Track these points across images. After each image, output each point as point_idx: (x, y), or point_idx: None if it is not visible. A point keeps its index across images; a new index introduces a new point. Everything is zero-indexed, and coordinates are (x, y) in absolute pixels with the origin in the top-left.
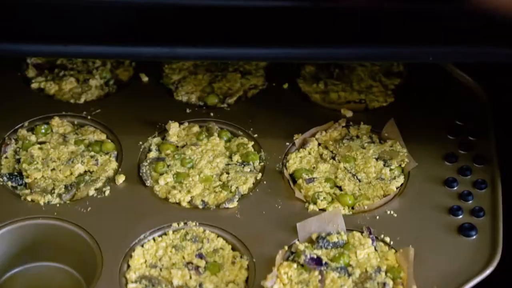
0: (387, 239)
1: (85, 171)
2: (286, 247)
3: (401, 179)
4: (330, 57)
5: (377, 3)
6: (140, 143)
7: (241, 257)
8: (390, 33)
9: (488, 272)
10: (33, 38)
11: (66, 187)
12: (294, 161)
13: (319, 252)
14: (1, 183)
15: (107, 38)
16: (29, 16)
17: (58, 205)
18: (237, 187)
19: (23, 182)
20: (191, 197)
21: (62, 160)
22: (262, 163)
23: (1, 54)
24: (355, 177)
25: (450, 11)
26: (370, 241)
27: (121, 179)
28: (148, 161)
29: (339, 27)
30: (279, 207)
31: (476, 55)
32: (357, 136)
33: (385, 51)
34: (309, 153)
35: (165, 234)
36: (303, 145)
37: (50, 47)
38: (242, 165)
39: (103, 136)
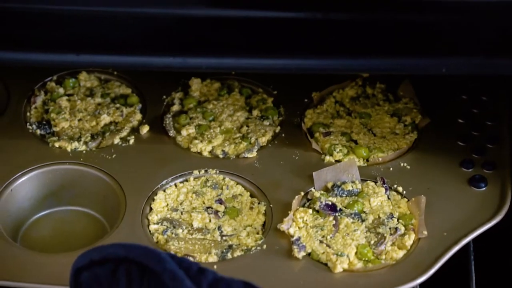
0: (400, 189)
1: (111, 122)
2: (302, 193)
3: (414, 134)
4: (343, 68)
5: (390, 15)
6: (164, 97)
7: (258, 203)
8: (403, 44)
9: (495, 221)
10: (45, 47)
11: (92, 136)
12: (312, 116)
13: (334, 200)
14: (30, 131)
15: (119, 47)
16: (41, 25)
17: (84, 151)
18: (256, 139)
19: (51, 130)
20: (212, 147)
21: (88, 111)
22: (280, 118)
23: (13, 63)
24: (370, 131)
25: (465, 21)
26: (383, 190)
27: (145, 129)
28: (172, 113)
29: (352, 39)
30: (296, 158)
31: (491, 67)
32: (373, 95)
33: (397, 62)
34: (326, 110)
35: (186, 180)
36: (320, 101)
37: (62, 56)
38: (262, 119)
39: (128, 91)
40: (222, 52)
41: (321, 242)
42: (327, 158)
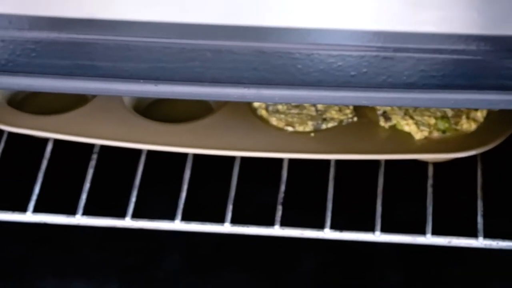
0: None
1: None
2: None
3: None
4: (407, 103)
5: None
6: None
7: None
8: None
9: None
10: (124, 77)
11: None
12: None
13: None
14: None
15: (196, 78)
16: (123, 56)
17: None
18: None
19: None
20: None
21: None
22: None
23: (97, 92)
24: None
25: None
26: None
27: None
28: None
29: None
30: None
31: None
32: None
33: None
34: None
35: None
36: None
37: (142, 86)
38: None
39: None
40: (293, 84)
41: (405, 114)
42: None
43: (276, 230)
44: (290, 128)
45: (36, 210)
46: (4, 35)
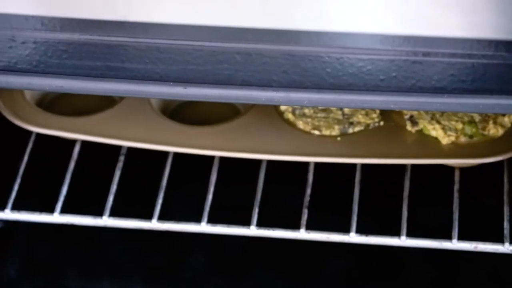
0: None
1: None
2: None
3: None
4: (436, 107)
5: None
6: None
7: None
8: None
9: None
10: (154, 79)
11: None
12: None
13: None
14: None
15: (225, 81)
16: (153, 59)
17: None
18: None
19: None
20: None
21: None
22: None
23: (128, 93)
24: None
25: None
26: None
27: None
28: None
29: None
30: None
31: None
32: None
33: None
34: None
35: None
36: None
37: (171, 89)
38: None
39: None
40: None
41: (431, 119)
42: None
43: (302, 234)
44: (316, 132)
45: (64, 211)
46: (36, 37)
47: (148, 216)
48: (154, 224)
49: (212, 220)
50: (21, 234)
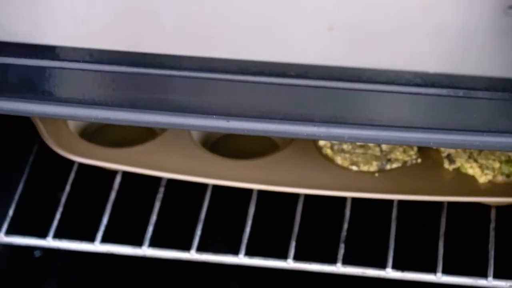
0: None
1: None
2: None
3: None
4: (475, 146)
5: None
6: None
7: None
8: None
9: None
10: (198, 112)
11: None
12: None
13: None
14: None
15: (267, 114)
16: (195, 91)
17: None
18: None
19: None
20: None
21: None
22: None
23: (167, 125)
24: None
25: None
26: None
27: None
28: None
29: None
30: None
31: None
32: None
33: None
34: None
35: None
36: None
37: (214, 121)
38: None
39: None
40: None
41: (469, 157)
42: None
43: (338, 268)
44: (354, 168)
45: (104, 240)
46: (84, 68)
47: (185, 247)
48: (192, 255)
49: (248, 252)
50: (59, 262)
